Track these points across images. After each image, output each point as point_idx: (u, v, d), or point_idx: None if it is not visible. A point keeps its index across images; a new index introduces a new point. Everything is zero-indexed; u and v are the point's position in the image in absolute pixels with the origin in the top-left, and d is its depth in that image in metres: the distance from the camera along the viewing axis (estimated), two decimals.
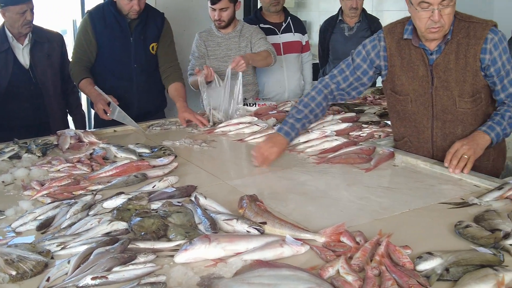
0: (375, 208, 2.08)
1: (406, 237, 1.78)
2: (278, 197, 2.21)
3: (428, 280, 1.50)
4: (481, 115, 2.60)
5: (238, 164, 2.74)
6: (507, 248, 1.69)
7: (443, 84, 2.55)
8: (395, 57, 2.65)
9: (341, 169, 2.56)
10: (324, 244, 1.74)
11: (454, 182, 2.34)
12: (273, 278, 1.47)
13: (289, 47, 4.66)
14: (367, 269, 1.53)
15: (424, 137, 2.70)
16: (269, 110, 3.75)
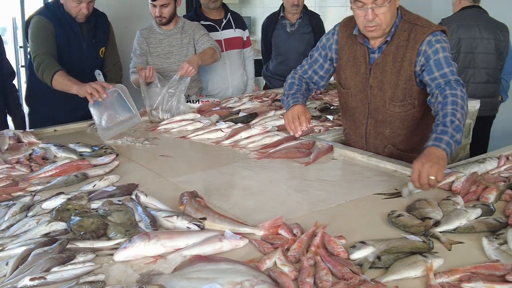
0: (313, 200, 2.14)
1: (341, 227, 1.85)
2: (220, 193, 2.24)
3: (361, 268, 1.56)
4: (412, 121, 2.62)
5: (180, 161, 2.74)
6: (436, 235, 1.77)
7: (378, 84, 2.60)
8: (344, 51, 2.70)
9: (281, 163, 2.61)
10: (262, 237, 1.79)
11: (389, 174, 2.42)
12: (212, 272, 1.50)
13: (230, 43, 4.68)
14: (303, 260, 1.58)
15: (360, 132, 2.78)
16: (212, 106, 3.77)
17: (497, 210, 1.98)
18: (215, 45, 4.08)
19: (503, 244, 1.67)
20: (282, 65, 5.23)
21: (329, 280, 1.48)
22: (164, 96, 3.48)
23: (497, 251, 1.64)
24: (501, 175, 2.34)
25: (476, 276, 1.49)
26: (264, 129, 3.06)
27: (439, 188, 2.21)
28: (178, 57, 4.07)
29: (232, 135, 3.02)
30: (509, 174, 2.34)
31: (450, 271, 1.51)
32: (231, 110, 3.68)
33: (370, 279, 1.48)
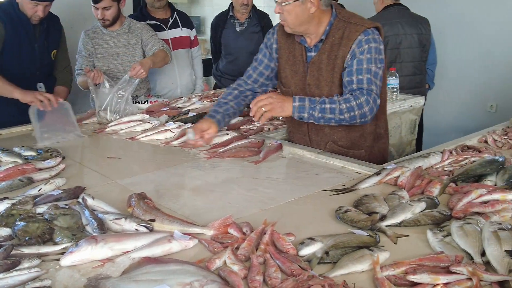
0: (262, 199, 2.14)
1: (291, 224, 1.86)
2: (169, 194, 2.22)
3: (310, 264, 1.58)
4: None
5: (129, 162, 2.71)
6: (383, 229, 1.81)
7: (315, 82, 2.64)
8: (283, 50, 2.73)
9: (231, 162, 2.61)
10: (212, 237, 1.78)
11: (337, 170, 2.46)
12: (160, 273, 1.49)
13: (178, 43, 4.65)
14: (252, 258, 1.59)
15: (303, 130, 2.82)
16: (161, 107, 3.74)
17: (441, 203, 2.03)
18: (166, 48, 4.04)
19: (447, 236, 1.72)
20: (232, 64, 5.23)
21: (278, 277, 1.49)
22: (113, 97, 3.42)
23: (441, 243, 1.68)
24: (445, 169, 2.40)
25: (421, 268, 1.52)
26: None
27: (386, 183, 2.26)
28: (125, 58, 4.02)
29: (182, 135, 2.99)
30: (452, 168, 2.41)
31: (396, 264, 1.54)
32: (181, 110, 3.66)
33: (318, 275, 1.50)
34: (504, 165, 2.33)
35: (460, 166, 2.40)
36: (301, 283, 1.43)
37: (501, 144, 2.82)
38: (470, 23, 5.92)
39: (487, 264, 1.56)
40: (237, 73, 5.24)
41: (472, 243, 1.63)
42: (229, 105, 2.85)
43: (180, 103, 3.91)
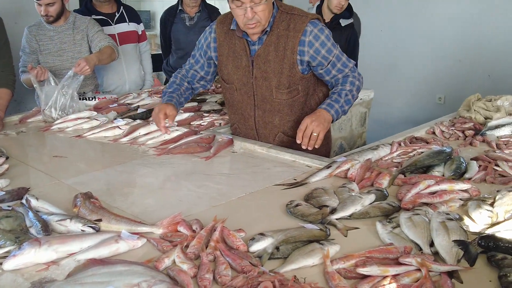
0: (213, 195, 2.12)
1: (241, 220, 1.85)
2: (117, 192, 2.17)
3: (260, 260, 1.57)
4: (298, 106, 2.71)
5: (75, 161, 2.63)
6: (333, 222, 1.81)
7: (263, 74, 2.64)
8: (223, 46, 2.71)
9: (181, 159, 2.58)
10: (161, 235, 1.75)
11: (288, 164, 2.45)
12: (107, 275, 1.45)
13: (125, 38, 4.55)
14: (202, 256, 1.56)
15: (249, 124, 2.81)
16: (109, 103, 3.66)
17: (390, 195, 2.06)
18: (113, 44, 3.96)
19: (396, 227, 1.74)
20: (182, 59, 5.14)
21: (228, 274, 1.47)
22: (58, 95, 3.32)
23: (390, 234, 1.70)
24: (394, 161, 2.44)
25: (371, 260, 1.54)
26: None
27: (336, 176, 2.27)
28: (71, 54, 3.91)
29: (130, 132, 2.94)
30: (401, 160, 2.44)
31: (346, 257, 1.55)
32: (130, 107, 3.59)
33: (269, 271, 1.49)
34: (452, 155, 2.38)
35: (409, 158, 2.44)
36: (251, 279, 1.42)
37: (448, 135, 2.88)
38: (420, 17, 6.04)
39: (436, 254, 1.59)
40: None
41: (420, 234, 1.65)
42: (180, 90, 2.83)
43: (129, 99, 3.84)
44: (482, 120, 3.09)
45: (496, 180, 2.21)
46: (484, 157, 2.43)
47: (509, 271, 1.44)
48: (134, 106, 3.59)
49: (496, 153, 2.49)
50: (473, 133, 2.88)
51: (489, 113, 3.10)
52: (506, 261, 1.52)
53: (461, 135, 2.89)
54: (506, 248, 1.57)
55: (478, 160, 2.39)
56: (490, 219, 1.79)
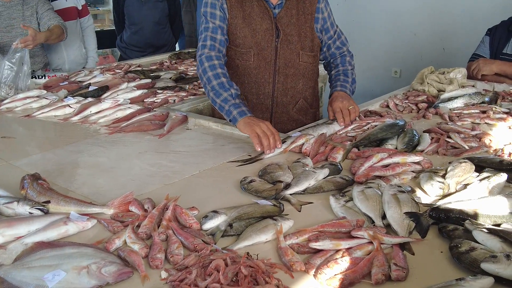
0: (166, 173, 2.09)
1: (195, 198, 1.83)
2: (67, 173, 2.12)
3: (213, 237, 1.56)
4: (315, 73, 2.80)
5: (24, 142, 2.56)
6: (287, 197, 1.81)
7: (287, 37, 2.61)
8: (236, 9, 2.58)
9: (134, 137, 2.53)
10: (112, 216, 1.72)
11: (243, 140, 2.43)
12: (55, 258, 1.41)
13: (63, 15, 4.30)
14: (154, 236, 1.54)
15: (265, 92, 2.69)
16: (59, 81, 3.56)
17: (344, 169, 2.07)
18: (63, 24, 3.87)
19: (349, 201, 1.75)
20: (136, 35, 5.08)
21: (180, 253, 1.45)
22: (2, 70, 3.21)
23: (343, 208, 1.70)
24: (348, 135, 2.45)
25: (324, 234, 1.54)
26: (116, 102, 2.95)
27: (291, 151, 2.26)
28: (20, 31, 3.78)
29: (81, 111, 2.87)
30: (355, 134, 2.45)
31: (299, 232, 1.55)
32: (81, 85, 3.50)
33: (222, 248, 1.48)
34: (404, 128, 2.40)
35: (363, 132, 2.45)
36: (203, 258, 1.40)
37: (402, 108, 2.91)
38: None
39: (388, 227, 1.60)
40: (142, 44, 5.12)
41: (372, 207, 1.67)
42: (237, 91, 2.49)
43: (80, 76, 3.75)
44: (435, 92, 3.13)
45: (448, 152, 2.24)
46: (436, 129, 2.46)
47: (460, 241, 1.46)
48: (85, 84, 3.50)
49: (448, 125, 2.52)
50: (426, 106, 2.91)
51: (442, 86, 3.14)
52: (456, 231, 1.54)
53: (415, 108, 2.92)
54: (457, 219, 1.60)
55: (430, 133, 2.42)
56: (442, 191, 1.82)
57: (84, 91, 3.26)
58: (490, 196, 1.72)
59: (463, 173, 1.90)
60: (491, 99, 2.96)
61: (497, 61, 3.50)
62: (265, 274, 1.34)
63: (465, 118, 2.66)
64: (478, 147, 2.25)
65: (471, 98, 2.93)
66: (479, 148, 2.25)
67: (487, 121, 2.62)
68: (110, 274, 1.35)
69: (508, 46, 3.60)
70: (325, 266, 1.38)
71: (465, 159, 2.00)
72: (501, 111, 2.74)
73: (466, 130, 2.46)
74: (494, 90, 3.13)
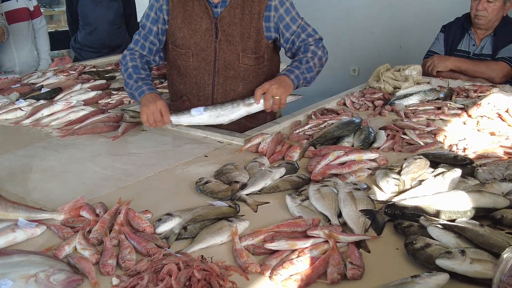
0: (119, 176, 2.05)
1: (149, 201, 1.79)
2: (16, 178, 2.06)
3: (167, 241, 1.52)
4: (263, 75, 2.64)
5: None
6: (243, 198, 1.79)
7: (228, 38, 2.53)
8: (177, 9, 2.55)
9: (87, 140, 2.47)
10: (62, 221, 1.67)
11: (199, 141, 2.41)
12: (2, 267, 1.36)
13: (13, 17, 4.24)
14: (105, 241, 1.50)
15: (204, 94, 2.65)
16: (11, 83, 3.46)
17: (301, 167, 2.06)
18: (4, 24, 3.75)
19: (305, 200, 1.73)
20: (91, 35, 4.98)
21: (132, 258, 1.42)
22: None
23: (299, 207, 1.69)
24: (306, 133, 2.44)
25: (279, 234, 1.52)
26: (68, 104, 2.87)
27: (247, 151, 2.24)
28: None
29: (33, 113, 2.79)
30: (312, 132, 2.45)
31: (254, 233, 1.53)
32: (33, 87, 3.41)
33: (175, 252, 1.45)
34: (361, 126, 2.41)
35: (320, 130, 2.44)
36: (156, 263, 1.37)
37: (358, 106, 2.93)
38: None
39: (344, 225, 1.59)
40: (98, 45, 5.02)
41: (328, 205, 1.66)
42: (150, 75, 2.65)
43: (33, 78, 3.64)
44: (391, 90, 3.16)
45: (404, 148, 2.26)
46: (392, 126, 2.48)
47: (415, 238, 1.47)
48: (38, 86, 3.41)
49: (403, 122, 2.55)
50: (382, 103, 2.93)
51: (397, 83, 3.17)
52: (412, 228, 1.55)
53: (371, 105, 2.94)
54: (412, 215, 1.60)
55: (386, 130, 2.44)
56: (397, 187, 1.82)
57: (37, 93, 3.17)
58: (444, 192, 1.73)
59: (418, 169, 1.91)
60: (446, 95, 3.00)
61: (452, 57, 3.56)
62: (219, 277, 1.31)
63: (420, 115, 2.69)
64: (433, 143, 2.28)
65: (426, 95, 2.97)
66: (434, 144, 2.27)
67: (442, 117, 2.65)
68: (59, 282, 1.31)
69: (463, 42, 3.66)
70: (281, 267, 1.36)
71: (420, 155, 2.02)
72: (456, 107, 2.78)
73: (421, 126, 2.49)
74: (449, 87, 3.18)
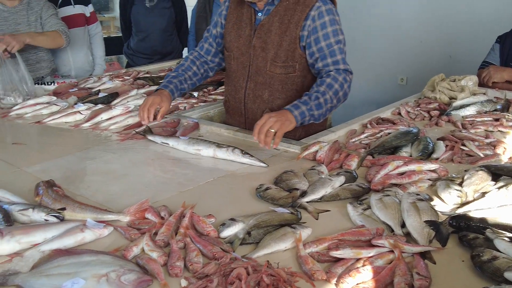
0: (180, 180, 2.08)
1: (211, 205, 1.82)
2: (80, 180, 2.11)
3: (232, 245, 1.54)
4: (291, 85, 2.61)
5: (35, 148, 2.55)
6: (304, 205, 1.80)
7: (261, 45, 2.59)
8: (232, 14, 2.70)
9: (145, 144, 2.52)
10: (128, 223, 1.71)
11: (255, 147, 2.42)
12: (74, 266, 1.40)
13: (70, 22, 4.32)
14: (172, 243, 1.53)
15: (239, 97, 2.74)
16: (69, 88, 3.55)
17: (359, 176, 2.05)
18: (63, 30, 3.84)
19: (367, 209, 1.73)
20: (143, 42, 5.08)
21: (199, 261, 1.44)
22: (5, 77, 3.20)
23: (361, 216, 1.69)
24: (362, 142, 2.44)
25: (344, 243, 1.53)
26: (126, 109, 2.94)
27: (304, 158, 2.25)
28: None
29: (92, 117, 2.86)
30: (369, 141, 2.44)
31: (318, 240, 1.54)
32: (90, 91, 3.50)
33: (241, 256, 1.47)
34: (418, 136, 2.39)
35: (376, 139, 2.44)
36: (224, 266, 1.39)
37: (414, 116, 2.90)
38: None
39: (408, 235, 1.59)
40: (149, 51, 5.12)
41: (391, 215, 1.65)
42: (185, 75, 2.79)
43: (89, 83, 3.74)
44: (446, 100, 3.12)
45: (464, 159, 2.23)
46: (450, 137, 2.45)
47: (482, 250, 1.45)
48: (95, 90, 3.50)
49: (462, 133, 2.51)
50: (439, 113, 2.90)
51: (453, 93, 3.13)
52: (477, 240, 1.53)
53: (427, 115, 2.91)
54: (477, 227, 1.58)
55: (444, 140, 2.41)
56: (460, 199, 1.80)
57: (94, 98, 3.26)
58: (510, 205, 1.71)
59: (480, 181, 1.89)
60: (503, 106, 2.95)
61: (508, 68, 3.50)
62: (287, 283, 1.33)
63: (478, 126, 2.65)
64: (493, 155, 2.24)
65: (483, 106, 2.92)
66: (494, 156, 2.23)
67: (501, 129, 2.61)
68: (129, 282, 1.34)
69: None
70: (347, 275, 1.37)
71: (482, 167, 1.99)
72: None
73: (480, 137, 2.45)
74: (506, 98, 3.12)
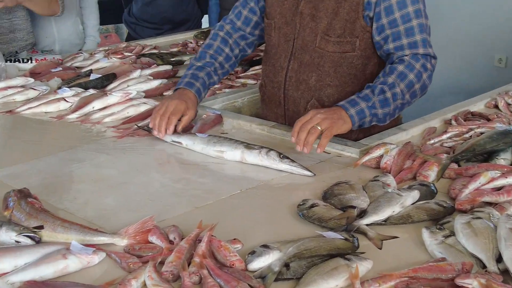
0: (196, 192, 2.11)
1: (236, 227, 1.83)
2: (64, 189, 2.16)
3: (264, 281, 1.54)
4: (348, 69, 2.58)
5: (7, 146, 2.62)
6: (362, 229, 1.79)
7: (311, 11, 2.56)
8: None
9: (151, 143, 2.56)
10: (126, 248, 1.72)
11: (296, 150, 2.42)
12: None
13: None
14: (183, 277, 1.53)
15: (278, 80, 2.72)
16: (51, 67, 3.63)
17: (440, 191, 2.03)
18: None
19: (450, 236, 1.71)
20: (149, 7, 5.16)
21: None
22: None
23: (442, 246, 1.67)
24: (444, 145, 2.41)
25: (417, 281, 1.51)
26: (126, 96, 2.97)
27: (364, 165, 2.24)
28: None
29: (81, 107, 2.92)
30: (453, 143, 2.41)
31: (381, 277, 1.52)
32: (79, 71, 3.56)
33: None
34: None
35: (464, 141, 2.41)
36: None
37: None
38: None
39: (506, 272, 1.56)
40: (158, 19, 5.19)
41: (484, 245, 1.63)
42: (216, 63, 2.79)
43: (78, 61, 3.81)
44: None
45: None
46: None
47: None
48: (85, 70, 3.55)
49: None
50: None
51: None
52: None
53: None
54: None
55: None
56: None
57: (84, 81, 3.31)
58: None
59: None
60: None
61: None
62: None
63: None
64: None
65: None
66: None
67: None
68: None
69: None
70: None
71: None
72: None
73: None
74: None
